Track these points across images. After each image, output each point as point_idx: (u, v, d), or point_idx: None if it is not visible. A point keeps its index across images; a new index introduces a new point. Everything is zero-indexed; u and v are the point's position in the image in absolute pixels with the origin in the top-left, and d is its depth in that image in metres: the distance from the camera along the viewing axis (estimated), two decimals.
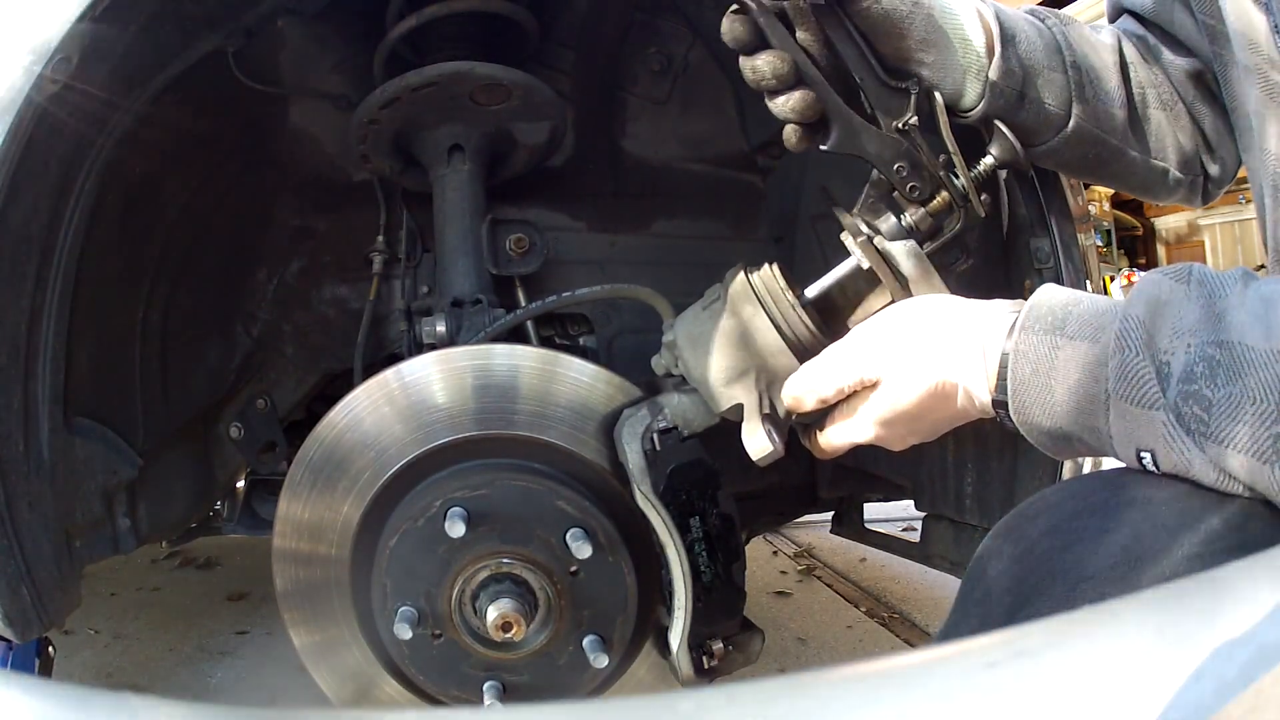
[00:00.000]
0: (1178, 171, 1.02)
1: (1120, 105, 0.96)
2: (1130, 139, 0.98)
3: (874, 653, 2.05)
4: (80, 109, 0.94)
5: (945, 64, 0.89)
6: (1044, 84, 0.91)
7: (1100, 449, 0.66)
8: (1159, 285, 0.62)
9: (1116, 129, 0.96)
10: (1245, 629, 0.34)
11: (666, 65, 1.42)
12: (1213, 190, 1.06)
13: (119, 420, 1.17)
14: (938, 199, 0.89)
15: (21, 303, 0.93)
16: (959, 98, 0.90)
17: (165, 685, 1.88)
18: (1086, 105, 0.93)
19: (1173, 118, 1.01)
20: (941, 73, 0.89)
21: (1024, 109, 0.91)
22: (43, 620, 0.95)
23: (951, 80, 0.89)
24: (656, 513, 0.94)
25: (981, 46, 0.89)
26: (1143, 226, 9.21)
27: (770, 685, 0.31)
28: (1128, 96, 0.97)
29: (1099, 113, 0.94)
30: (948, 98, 0.90)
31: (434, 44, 1.31)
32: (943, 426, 0.82)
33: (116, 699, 0.30)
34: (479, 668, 1.00)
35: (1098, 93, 0.94)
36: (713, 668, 0.98)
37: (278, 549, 1.06)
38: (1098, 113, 0.94)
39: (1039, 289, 0.71)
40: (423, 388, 1.02)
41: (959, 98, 0.90)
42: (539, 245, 1.37)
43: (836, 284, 0.91)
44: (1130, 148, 0.98)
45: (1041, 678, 0.32)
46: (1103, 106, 0.95)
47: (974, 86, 0.90)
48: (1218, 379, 0.57)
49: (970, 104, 0.90)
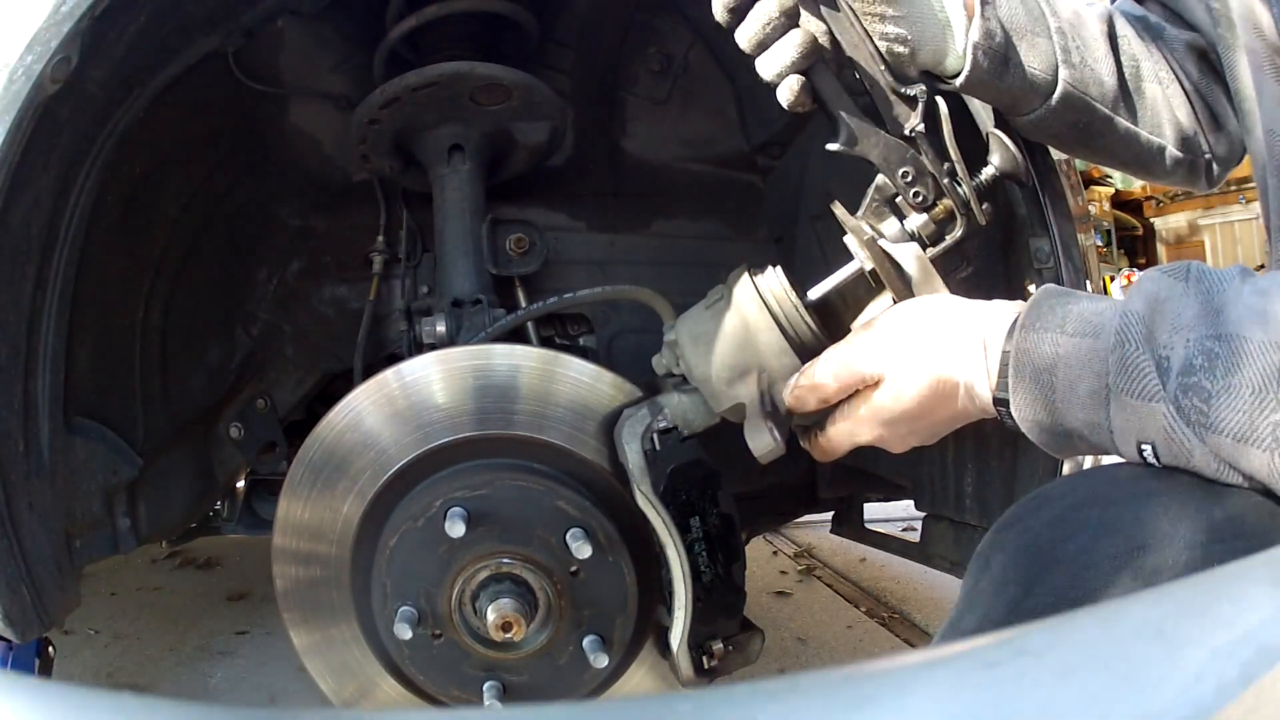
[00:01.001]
0: (1176, 150, 1.01)
1: (1110, 73, 0.95)
2: (1121, 108, 0.96)
3: (874, 653, 2.05)
4: (80, 109, 0.94)
5: (922, 17, 0.88)
6: (1028, 48, 0.90)
7: (1102, 444, 0.66)
8: (1158, 282, 0.63)
9: (1106, 96, 0.95)
10: (1245, 629, 0.34)
11: (666, 65, 1.42)
12: (1218, 172, 1.05)
13: (119, 420, 1.17)
14: (940, 206, 0.89)
15: (21, 303, 0.93)
16: (942, 59, 0.89)
17: (165, 685, 1.88)
18: (1074, 70, 0.92)
19: (1169, 95, 1.00)
20: (920, 28, 0.88)
21: (1008, 74, 0.90)
22: (43, 620, 0.95)
23: (932, 38, 0.88)
24: (656, 513, 0.95)
25: (960, 5, 0.88)
26: (1143, 226, 9.21)
27: (770, 685, 0.31)
28: (1117, 64, 0.96)
29: (1086, 78, 0.93)
30: (932, 61, 0.89)
31: (434, 44, 1.31)
32: (943, 428, 0.82)
33: (116, 699, 0.30)
34: (479, 668, 1.00)
35: (1084, 58, 0.93)
36: (713, 668, 0.98)
37: (278, 549, 1.06)
38: (1085, 78, 0.93)
39: (1039, 289, 0.71)
40: (423, 388, 1.02)
41: (942, 59, 0.89)
42: (539, 245, 1.37)
43: (839, 286, 0.92)
44: (1121, 116, 0.97)
45: (1042, 678, 0.32)
46: (1090, 72, 0.94)
47: (955, 49, 0.89)
48: (1216, 371, 0.57)
49: (954, 68, 0.89)
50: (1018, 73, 0.90)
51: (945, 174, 0.89)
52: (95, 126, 0.98)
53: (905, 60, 0.88)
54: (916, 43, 0.88)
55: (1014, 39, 0.89)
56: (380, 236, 1.42)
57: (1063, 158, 1.08)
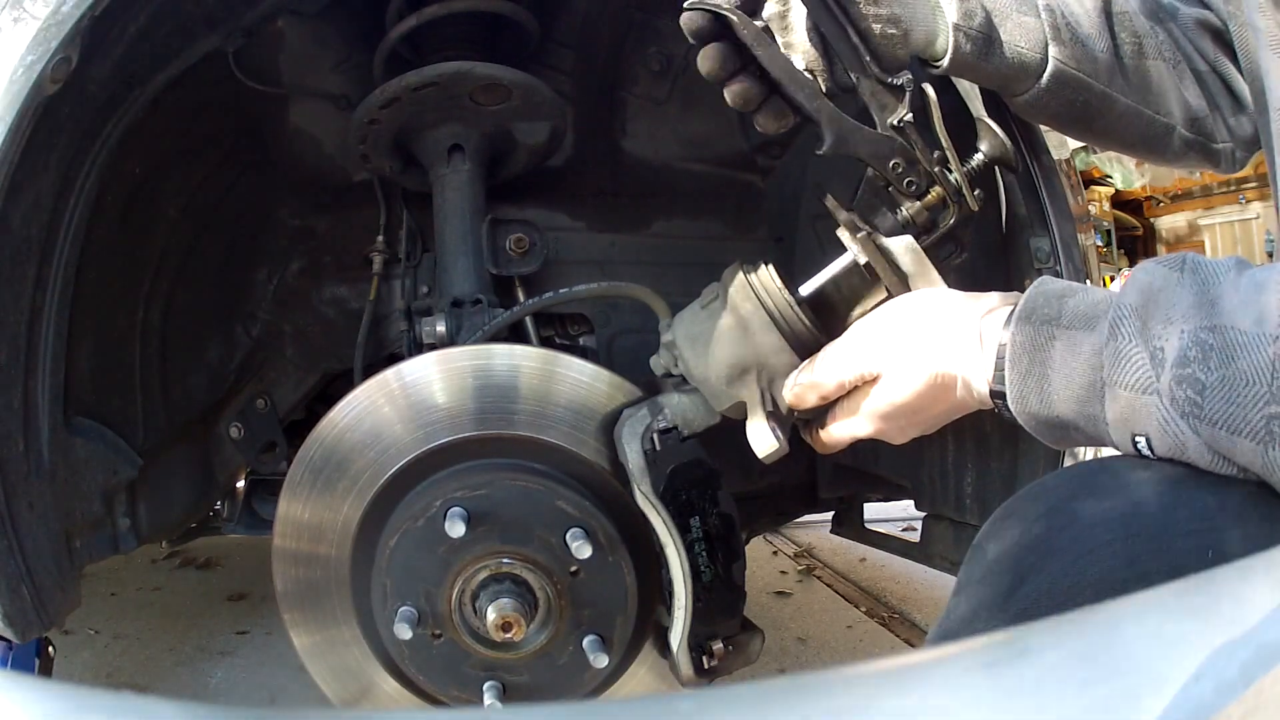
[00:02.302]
0: (1185, 130, 0.99)
1: (1106, 50, 0.94)
2: (1119, 83, 0.96)
3: (874, 653, 2.05)
4: (80, 109, 0.94)
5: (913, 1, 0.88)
6: (1014, 27, 0.90)
7: (1097, 436, 0.67)
8: (1153, 274, 0.63)
9: (1100, 72, 0.94)
10: (1245, 629, 0.34)
11: (666, 65, 1.42)
12: (1240, 155, 1.03)
13: (119, 420, 1.17)
14: (932, 193, 0.89)
15: (21, 303, 0.93)
16: (933, 41, 0.89)
17: (165, 685, 1.88)
18: (1064, 47, 0.92)
19: (1179, 74, 0.98)
20: (911, 9, 0.88)
21: (994, 54, 0.90)
22: (43, 620, 0.95)
23: (924, 19, 0.88)
24: (656, 513, 0.95)
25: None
26: (1143, 226, 9.20)
27: (770, 685, 0.31)
28: (1112, 40, 0.95)
29: (1079, 55, 0.93)
30: (924, 42, 0.89)
31: (434, 44, 1.31)
32: (942, 419, 0.82)
33: (116, 699, 0.30)
34: (479, 668, 1.00)
35: (1076, 34, 0.93)
36: (713, 668, 0.98)
37: (278, 549, 1.06)
38: (1077, 55, 0.92)
39: (1035, 281, 0.71)
40: (423, 388, 1.02)
41: (933, 41, 0.89)
42: (539, 245, 1.37)
43: (832, 280, 0.92)
44: (1120, 93, 0.96)
45: (1041, 678, 0.32)
46: (1083, 49, 0.93)
47: (944, 29, 0.88)
48: (1211, 363, 0.57)
49: (941, 50, 0.89)
50: (1004, 53, 0.90)
51: (936, 162, 0.89)
52: (95, 127, 0.98)
53: (898, 42, 0.87)
54: (909, 23, 0.87)
55: (997, 20, 0.89)
56: (380, 236, 1.42)
57: (1063, 157, 1.07)
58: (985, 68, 0.90)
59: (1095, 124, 0.98)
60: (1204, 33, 0.98)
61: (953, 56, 0.88)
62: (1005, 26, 0.89)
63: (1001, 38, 0.89)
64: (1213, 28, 0.98)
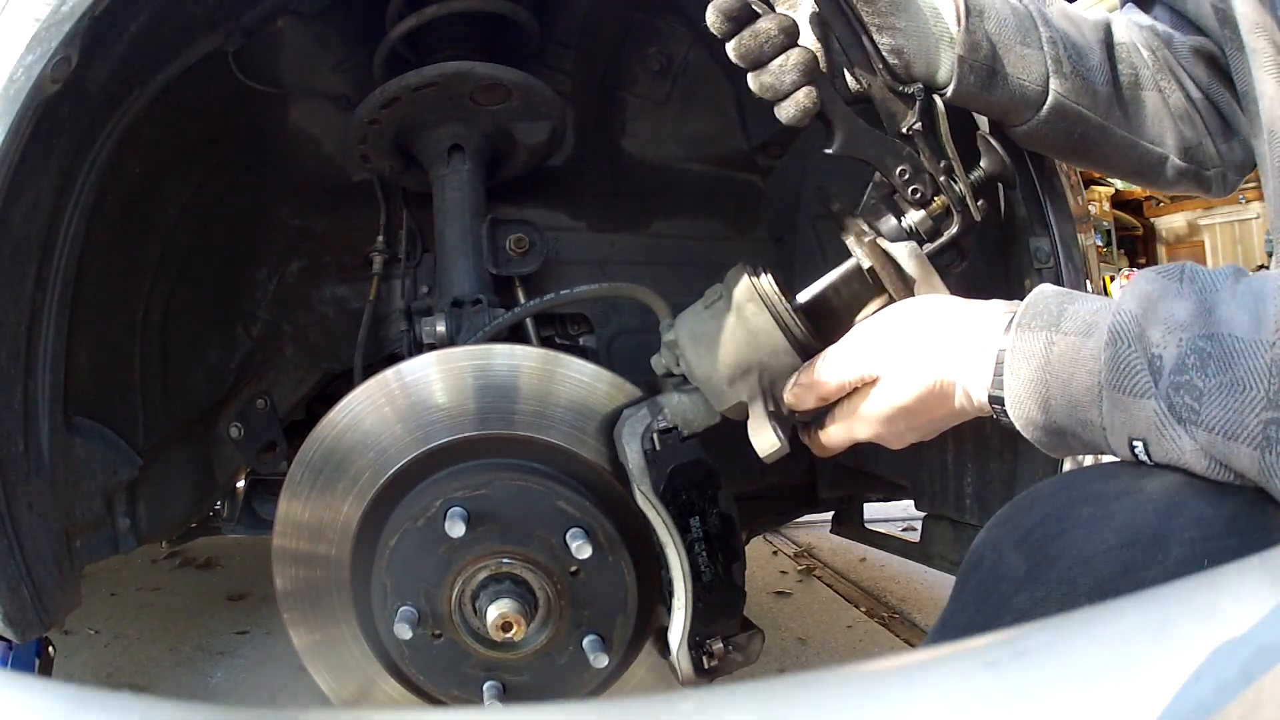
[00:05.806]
0: (1179, 160, 1.00)
1: (1105, 82, 0.95)
2: (1116, 117, 0.97)
3: (874, 653, 2.05)
4: (80, 109, 0.94)
5: (918, 31, 0.89)
6: (1016, 60, 0.91)
7: (1095, 443, 0.67)
8: (1152, 282, 0.63)
9: (1099, 105, 0.95)
10: (1245, 629, 0.34)
11: (666, 65, 1.42)
12: (1230, 180, 1.04)
13: (119, 420, 1.17)
14: (937, 202, 0.90)
15: (21, 303, 0.93)
16: (935, 71, 0.90)
17: (165, 685, 1.88)
18: (1065, 80, 0.92)
19: (1172, 104, 1.00)
20: (915, 41, 0.89)
21: (996, 86, 0.91)
22: (43, 620, 0.95)
23: (925, 50, 0.89)
24: (656, 513, 0.95)
25: (951, 17, 0.89)
26: (1143, 226, 9.20)
27: (770, 685, 0.31)
28: (1113, 73, 0.96)
29: (1078, 87, 0.94)
30: (925, 74, 0.90)
31: (434, 44, 1.31)
32: (941, 425, 0.83)
33: (116, 699, 0.30)
34: (479, 668, 1.00)
35: (1077, 68, 0.94)
36: (713, 668, 0.98)
37: (278, 549, 1.06)
38: (1077, 87, 0.93)
39: (1035, 288, 0.72)
40: (423, 388, 1.02)
41: (935, 71, 0.90)
42: (539, 245, 1.37)
43: (833, 285, 0.92)
44: (1117, 126, 0.97)
45: (1041, 678, 0.32)
46: (1083, 81, 0.94)
47: (946, 60, 0.89)
48: (1209, 369, 0.58)
49: (944, 79, 0.90)
50: (1006, 85, 0.91)
51: (942, 171, 0.90)
52: (95, 126, 0.98)
53: (900, 71, 0.90)
54: (911, 55, 0.89)
55: (1001, 52, 0.90)
56: (380, 236, 1.42)
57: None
58: (987, 99, 0.91)
59: (1091, 154, 0.99)
60: (1199, 60, 1.00)
61: (956, 88, 0.89)
62: (1008, 59, 0.91)
63: (1005, 70, 0.90)
64: (1208, 54, 0.99)
